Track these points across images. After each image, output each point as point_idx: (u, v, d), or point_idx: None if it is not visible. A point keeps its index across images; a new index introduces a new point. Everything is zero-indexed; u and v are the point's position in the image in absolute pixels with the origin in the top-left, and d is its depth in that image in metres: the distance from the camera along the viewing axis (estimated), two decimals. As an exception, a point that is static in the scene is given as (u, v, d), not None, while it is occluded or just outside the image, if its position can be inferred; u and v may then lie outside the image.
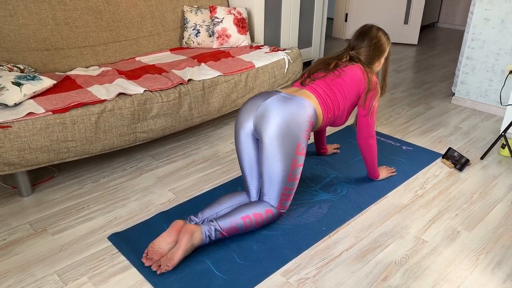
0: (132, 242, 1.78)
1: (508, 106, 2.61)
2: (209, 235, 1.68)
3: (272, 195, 1.79)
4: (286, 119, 1.74)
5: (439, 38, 5.52)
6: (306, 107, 1.81)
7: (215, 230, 1.69)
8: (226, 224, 1.71)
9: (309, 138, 1.84)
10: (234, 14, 3.16)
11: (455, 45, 5.15)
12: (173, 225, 1.69)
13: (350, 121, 3.00)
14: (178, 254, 1.61)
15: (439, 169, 2.39)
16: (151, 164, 2.41)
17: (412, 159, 2.48)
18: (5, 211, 2.00)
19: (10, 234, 1.84)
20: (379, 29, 2.06)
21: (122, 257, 1.71)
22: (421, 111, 3.19)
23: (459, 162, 2.38)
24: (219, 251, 1.73)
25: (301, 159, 1.80)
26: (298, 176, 1.82)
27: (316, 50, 4.07)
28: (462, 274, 1.65)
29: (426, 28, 6.07)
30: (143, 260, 1.65)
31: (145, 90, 2.29)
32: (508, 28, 2.95)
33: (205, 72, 2.59)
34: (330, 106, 1.93)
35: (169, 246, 1.65)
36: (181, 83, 2.43)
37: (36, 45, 2.54)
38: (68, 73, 2.54)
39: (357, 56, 2.04)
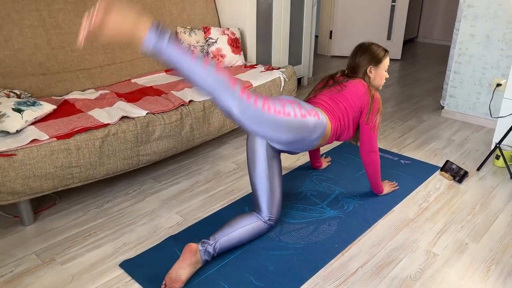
0: (145, 268, 1.75)
1: (499, 118, 2.70)
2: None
3: None
4: None
5: (420, 53, 5.69)
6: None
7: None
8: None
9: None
10: (228, 35, 3.19)
11: (436, 59, 5.32)
12: (186, 248, 1.67)
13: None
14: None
15: (438, 182, 2.44)
16: (154, 187, 2.38)
17: (411, 173, 2.53)
18: (9, 241, 1.93)
19: (16, 266, 1.78)
20: (371, 43, 2.16)
21: (137, 285, 1.67)
22: (413, 125, 3.27)
23: (458, 174, 2.44)
24: (235, 274, 1.71)
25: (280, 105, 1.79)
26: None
27: (306, 67, 4.13)
28: (477, 286, 1.68)
29: (407, 43, 6.25)
30: None
31: (147, 113, 2.28)
32: (493, 43, 3.07)
33: (204, 93, 2.59)
34: (336, 114, 1.98)
35: (187, 271, 1.63)
36: (182, 104, 2.43)
37: (32, 69, 2.50)
38: (65, 97, 2.50)
39: (353, 75, 2.13)
